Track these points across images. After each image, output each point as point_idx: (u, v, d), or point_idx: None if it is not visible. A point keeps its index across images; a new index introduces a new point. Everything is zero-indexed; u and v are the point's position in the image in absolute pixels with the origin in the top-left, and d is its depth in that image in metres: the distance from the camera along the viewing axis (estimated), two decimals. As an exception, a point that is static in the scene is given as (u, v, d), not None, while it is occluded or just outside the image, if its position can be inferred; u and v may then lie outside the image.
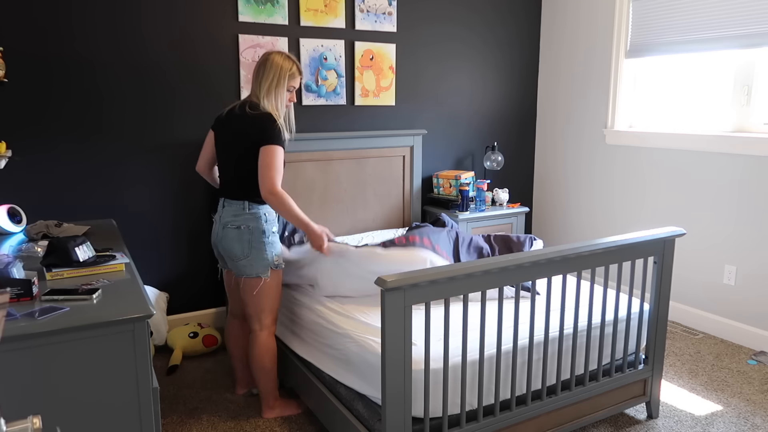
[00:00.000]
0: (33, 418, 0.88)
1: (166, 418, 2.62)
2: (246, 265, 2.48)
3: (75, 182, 3.14)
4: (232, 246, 2.49)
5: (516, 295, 2.11)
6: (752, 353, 3.32)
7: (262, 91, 2.47)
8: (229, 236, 2.49)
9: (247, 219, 2.46)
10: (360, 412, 2.17)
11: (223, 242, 2.52)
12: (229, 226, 2.49)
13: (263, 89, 2.47)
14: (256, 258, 2.48)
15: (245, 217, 2.46)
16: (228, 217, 2.50)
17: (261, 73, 2.49)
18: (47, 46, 2.98)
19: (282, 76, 2.48)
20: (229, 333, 2.81)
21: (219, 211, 2.56)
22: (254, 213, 2.48)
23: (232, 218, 2.48)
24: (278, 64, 2.48)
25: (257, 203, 2.48)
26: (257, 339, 2.56)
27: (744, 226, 3.39)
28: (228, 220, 2.50)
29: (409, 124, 4.08)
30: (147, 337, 1.68)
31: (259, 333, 2.56)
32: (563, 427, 2.36)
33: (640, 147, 3.93)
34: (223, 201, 2.55)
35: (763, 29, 3.21)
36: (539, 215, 4.75)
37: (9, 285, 1.74)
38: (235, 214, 2.48)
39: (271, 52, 2.52)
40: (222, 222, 2.52)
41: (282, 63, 2.49)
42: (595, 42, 4.13)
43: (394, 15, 3.87)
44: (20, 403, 1.54)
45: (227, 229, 2.50)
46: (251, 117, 2.44)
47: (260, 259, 2.48)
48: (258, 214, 2.48)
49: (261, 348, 2.56)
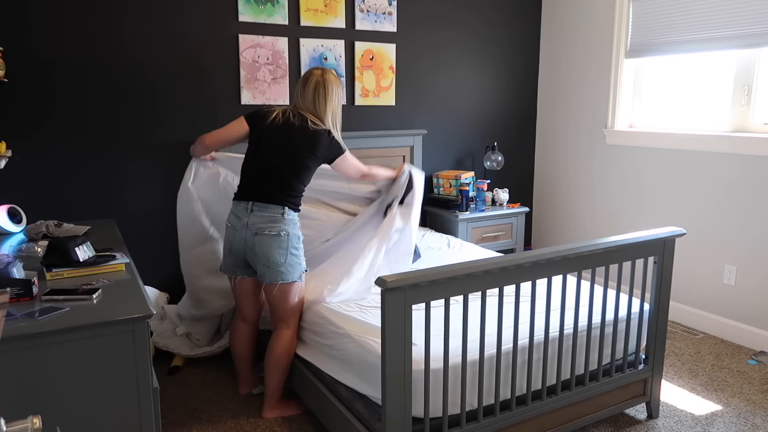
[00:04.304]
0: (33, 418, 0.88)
1: (166, 418, 2.62)
2: (284, 271, 2.49)
3: (75, 182, 3.14)
4: (270, 252, 2.46)
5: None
6: (752, 353, 3.32)
7: (328, 114, 2.60)
8: (266, 243, 2.45)
9: (286, 225, 2.48)
10: (360, 412, 2.17)
11: (256, 249, 2.47)
12: (266, 233, 2.45)
13: (328, 111, 2.60)
14: (294, 263, 2.51)
15: (284, 222, 2.47)
16: (263, 223, 2.46)
17: (319, 93, 2.56)
18: (47, 46, 2.98)
19: (340, 96, 2.64)
20: (235, 336, 2.78)
21: (242, 215, 2.50)
22: (292, 219, 2.51)
23: (269, 224, 2.45)
24: (336, 85, 2.61)
25: (294, 210, 2.53)
26: (283, 337, 2.58)
27: (744, 226, 3.39)
28: (263, 226, 2.45)
29: (409, 124, 4.08)
30: (147, 337, 1.68)
31: (285, 331, 2.58)
32: (563, 427, 2.36)
33: (640, 147, 3.93)
34: (251, 205, 2.48)
35: (763, 29, 3.21)
36: (539, 215, 4.75)
37: (9, 285, 1.74)
38: (272, 220, 2.46)
39: (322, 72, 2.60)
40: (252, 228, 2.46)
41: (336, 81, 2.62)
42: (595, 42, 4.13)
43: (394, 15, 3.87)
44: (20, 403, 1.54)
45: (262, 236, 2.45)
46: (313, 132, 2.54)
47: (297, 264, 2.52)
48: (294, 220, 2.52)
49: (284, 346, 2.58)
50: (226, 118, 3.45)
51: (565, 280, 2.23)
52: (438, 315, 2.11)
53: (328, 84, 2.57)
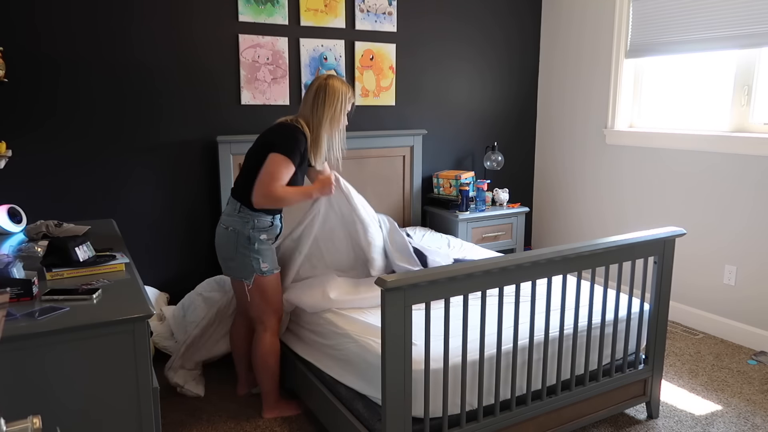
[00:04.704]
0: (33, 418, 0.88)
1: (166, 418, 2.62)
2: (234, 267, 2.52)
3: (75, 182, 3.14)
4: (219, 245, 2.54)
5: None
6: (752, 353, 3.32)
7: (325, 121, 2.48)
8: (218, 234, 2.54)
9: (235, 221, 2.47)
10: (360, 412, 2.17)
11: (216, 238, 2.57)
12: (221, 225, 2.52)
13: (326, 119, 2.48)
14: (241, 262, 2.49)
15: (234, 218, 2.48)
16: (223, 216, 2.54)
17: (319, 100, 2.49)
18: (47, 46, 2.98)
19: (343, 103, 2.52)
20: (234, 332, 2.82)
21: None
22: (243, 216, 2.46)
23: (225, 217, 2.52)
24: (339, 91, 2.50)
25: (251, 209, 2.46)
26: (260, 339, 2.57)
27: (744, 226, 3.39)
28: (222, 219, 2.54)
29: (409, 124, 4.08)
30: (147, 337, 1.68)
31: (262, 334, 2.57)
32: (563, 427, 2.36)
33: (640, 147, 3.93)
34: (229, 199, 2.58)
35: (763, 29, 3.21)
36: (539, 215, 4.75)
37: (9, 285, 1.74)
38: (228, 214, 2.52)
39: (329, 78, 2.52)
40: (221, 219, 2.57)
41: (341, 88, 2.51)
42: (595, 42, 4.13)
43: (394, 15, 3.87)
44: (20, 403, 1.54)
45: (219, 227, 2.54)
46: (276, 125, 2.50)
47: (244, 264, 2.49)
48: (246, 218, 2.46)
49: (264, 348, 2.57)
50: (226, 118, 3.47)
51: (565, 280, 2.23)
52: (438, 315, 2.11)
53: (329, 89, 2.49)
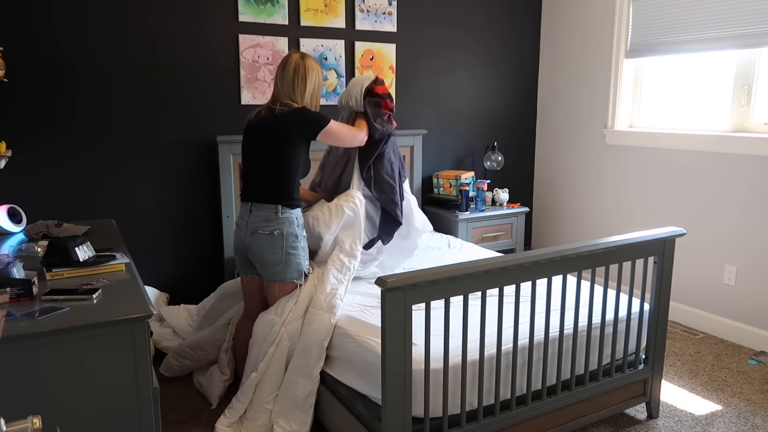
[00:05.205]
0: (33, 418, 0.88)
1: (166, 418, 2.62)
2: (280, 271, 2.47)
3: (75, 182, 3.14)
4: (264, 252, 2.45)
5: None
6: (752, 353, 3.32)
7: (306, 94, 2.51)
8: (260, 242, 2.45)
9: (280, 223, 2.44)
10: (360, 412, 2.17)
11: (252, 248, 2.48)
12: (260, 232, 2.45)
13: (307, 92, 2.51)
14: (291, 264, 2.47)
15: (278, 221, 2.44)
16: (258, 223, 2.46)
17: (298, 77, 2.49)
18: (47, 47, 2.98)
19: (320, 79, 2.56)
20: (239, 333, 2.76)
21: (244, 216, 2.52)
22: (287, 217, 2.45)
23: (263, 223, 2.45)
24: (315, 69, 2.53)
25: (289, 207, 2.46)
26: None
27: (744, 226, 3.39)
28: (258, 225, 2.45)
29: (409, 124, 4.08)
30: (147, 337, 1.68)
31: None
32: (563, 427, 2.36)
33: (640, 147, 3.93)
34: (250, 206, 2.50)
35: (763, 29, 3.21)
36: (539, 215, 4.75)
37: (9, 285, 1.74)
38: (266, 219, 2.45)
39: (301, 56, 2.53)
40: (250, 227, 2.48)
41: (316, 66, 2.54)
42: (596, 42, 4.13)
43: (394, 15, 3.87)
44: (20, 403, 1.54)
45: (258, 235, 2.45)
46: (281, 116, 2.45)
47: (294, 264, 2.48)
48: (291, 218, 2.46)
49: None
50: (226, 118, 3.47)
51: (565, 280, 2.23)
52: (438, 315, 2.11)
53: (308, 66, 2.51)
